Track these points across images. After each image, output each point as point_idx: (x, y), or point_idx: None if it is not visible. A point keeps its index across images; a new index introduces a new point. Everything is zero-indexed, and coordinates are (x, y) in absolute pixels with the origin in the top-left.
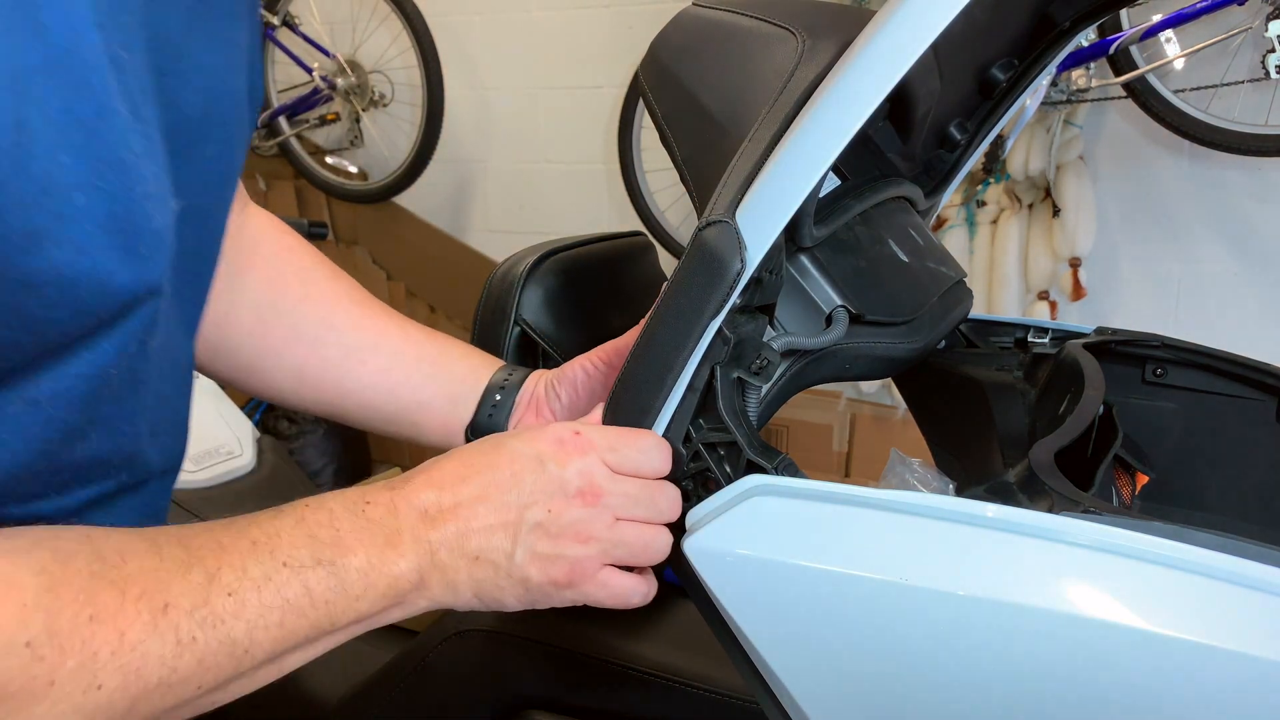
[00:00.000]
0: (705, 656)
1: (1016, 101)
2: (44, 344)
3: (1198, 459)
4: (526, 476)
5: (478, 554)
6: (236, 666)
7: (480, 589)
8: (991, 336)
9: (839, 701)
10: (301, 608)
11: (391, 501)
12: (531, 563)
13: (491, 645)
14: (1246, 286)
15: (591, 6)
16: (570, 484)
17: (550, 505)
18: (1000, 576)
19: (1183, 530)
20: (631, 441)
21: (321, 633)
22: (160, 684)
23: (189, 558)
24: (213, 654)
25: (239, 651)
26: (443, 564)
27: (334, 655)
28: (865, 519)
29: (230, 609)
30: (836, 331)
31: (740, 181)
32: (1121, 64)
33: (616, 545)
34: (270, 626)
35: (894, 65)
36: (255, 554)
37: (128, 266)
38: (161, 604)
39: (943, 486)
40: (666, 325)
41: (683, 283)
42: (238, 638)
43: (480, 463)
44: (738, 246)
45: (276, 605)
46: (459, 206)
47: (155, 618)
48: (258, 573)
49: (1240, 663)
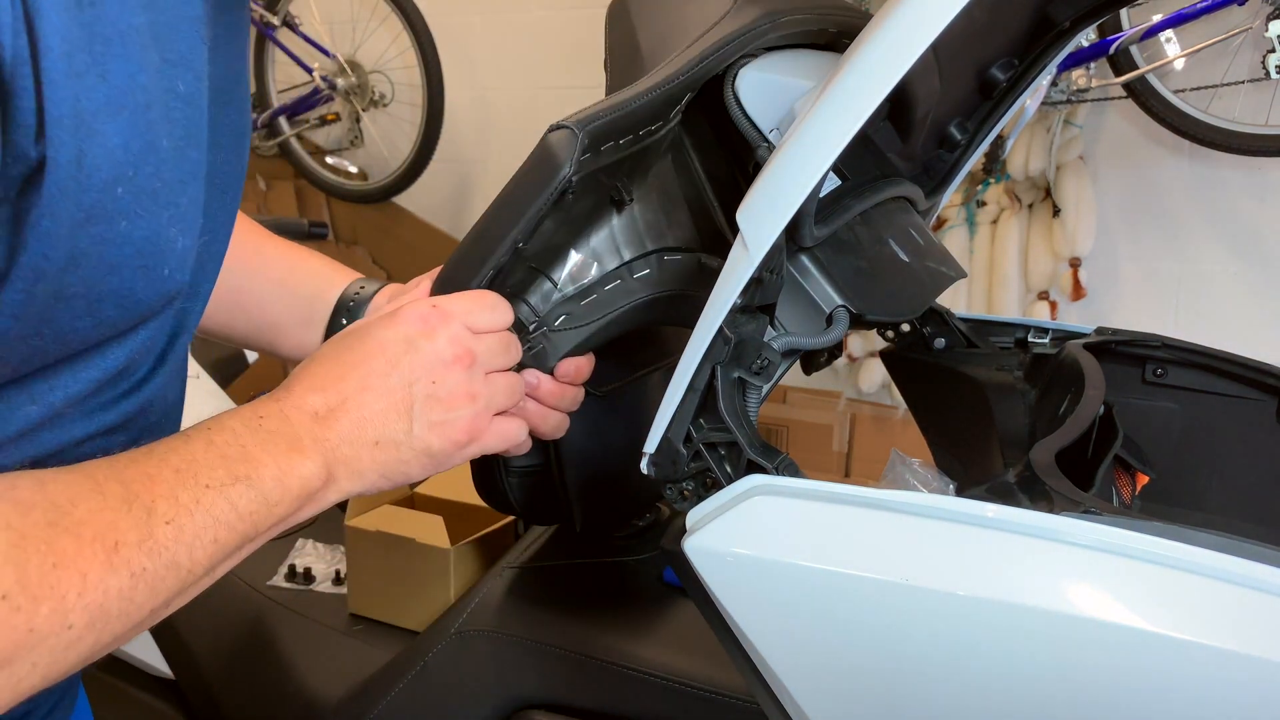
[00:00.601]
0: (705, 656)
1: (1016, 101)
2: (67, 351)
3: (1198, 459)
4: (402, 359)
5: (377, 439)
6: (181, 584)
7: (386, 469)
8: (991, 336)
9: (839, 701)
10: (230, 522)
11: (281, 411)
12: (430, 432)
13: (491, 646)
14: (1246, 286)
15: (591, 6)
16: (445, 352)
17: (434, 376)
18: (1001, 576)
19: (1183, 530)
20: (482, 302)
21: (248, 540)
22: (120, 614)
23: (127, 492)
24: (161, 579)
25: (183, 572)
26: (346, 458)
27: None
28: (865, 519)
29: (171, 535)
30: (837, 331)
31: (611, 104)
32: (1121, 64)
33: (495, 395)
34: (206, 544)
35: (894, 65)
36: (180, 480)
37: (151, 284)
38: (113, 542)
39: (943, 486)
40: (495, 211)
41: (519, 175)
42: (180, 560)
43: (352, 358)
44: (573, 152)
45: (209, 524)
46: (459, 206)
47: (109, 556)
48: (187, 498)
49: (1240, 663)
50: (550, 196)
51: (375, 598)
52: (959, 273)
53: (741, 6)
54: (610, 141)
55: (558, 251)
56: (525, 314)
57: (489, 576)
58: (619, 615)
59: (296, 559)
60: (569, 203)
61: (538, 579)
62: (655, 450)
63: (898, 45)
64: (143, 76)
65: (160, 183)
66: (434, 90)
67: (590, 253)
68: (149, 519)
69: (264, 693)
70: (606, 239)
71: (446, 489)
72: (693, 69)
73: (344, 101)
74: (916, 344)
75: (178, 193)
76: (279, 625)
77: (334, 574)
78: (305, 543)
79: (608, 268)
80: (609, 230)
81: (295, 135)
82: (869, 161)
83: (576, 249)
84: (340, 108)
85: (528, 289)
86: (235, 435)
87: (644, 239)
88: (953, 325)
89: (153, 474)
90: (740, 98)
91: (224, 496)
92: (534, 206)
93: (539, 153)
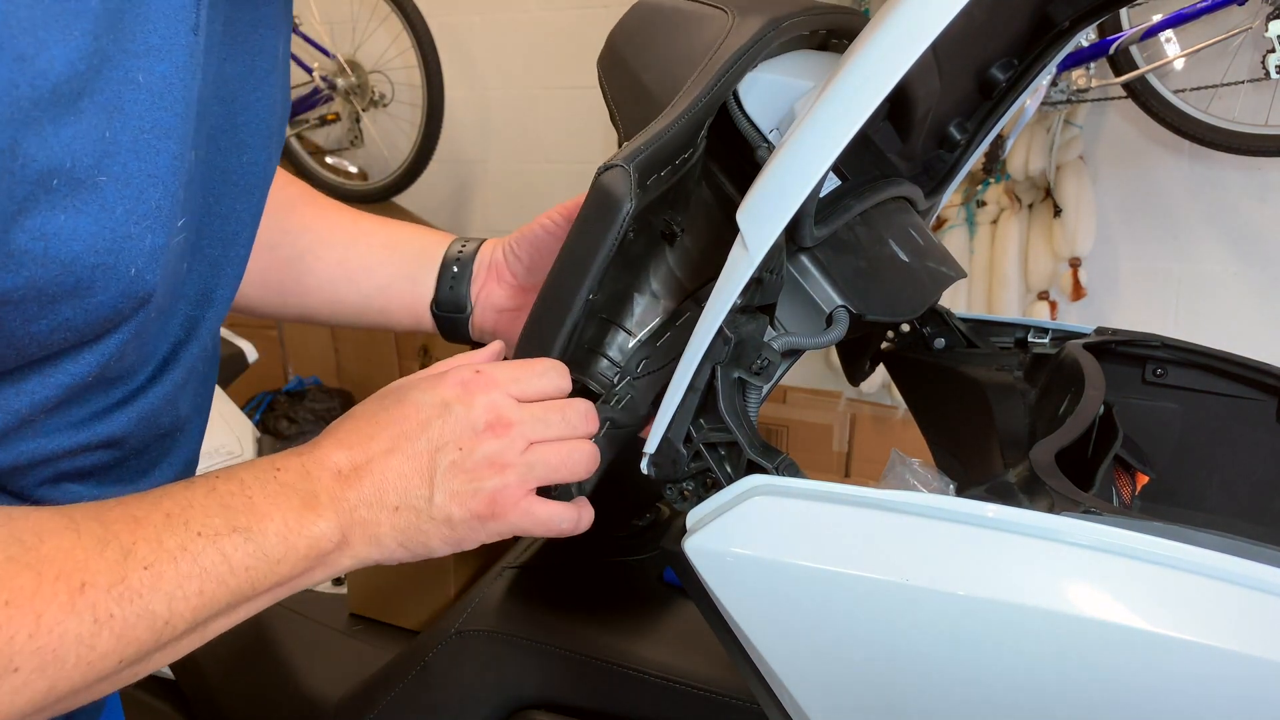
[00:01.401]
0: (705, 656)
1: (1016, 101)
2: (23, 356)
3: (1198, 459)
4: (434, 422)
5: (398, 504)
6: (157, 638)
7: (405, 538)
8: (991, 336)
9: (839, 701)
10: (220, 575)
11: (303, 466)
12: (451, 501)
13: (491, 646)
14: (1246, 286)
15: (591, 6)
16: (478, 420)
17: (461, 444)
18: (1001, 576)
19: (1183, 530)
20: (529, 368)
21: (243, 598)
22: (79, 661)
23: (105, 533)
24: (131, 628)
25: (159, 624)
26: (363, 520)
27: (334, 655)
28: (866, 519)
29: (148, 582)
30: (837, 331)
31: (649, 137)
32: (1121, 64)
33: (533, 467)
34: (190, 596)
35: (894, 65)
36: (169, 525)
37: (113, 284)
38: (79, 583)
39: (943, 486)
40: (565, 266)
41: (580, 225)
42: (157, 610)
43: (385, 418)
44: (630, 188)
45: (194, 574)
46: (459, 206)
47: (73, 598)
48: (173, 544)
49: (1240, 663)
50: (617, 237)
51: (375, 598)
52: (959, 273)
53: (741, 20)
54: (654, 174)
55: (624, 298)
56: (606, 367)
57: (489, 576)
58: (619, 615)
59: None
60: (628, 244)
61: (538, 579)
62: (655, 450)
63: (898, 45)
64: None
65: (108, 177)
66: (434, 90)
67: (653, 293)
68: (124, 561)
69: (264, 693)
70: (666, 276)
71: None
72: (714, 88)
73: (344, 101)
74: (916, 344)
75: (142, 188)
76: (279, 625)
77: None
78: None
79: (673, 304)
80: (666, 266)
81: (295, 135)
82: (869, 161)
83: (640, 292)
84: (340, 108)
85: (603, 342)
86: (243, 485)
87: (700, 268)
88: (953, 325)
89: (140, 516)
90: (741, 99)
91: (215, 546)
92: (603, 251)
93: (596, 197)
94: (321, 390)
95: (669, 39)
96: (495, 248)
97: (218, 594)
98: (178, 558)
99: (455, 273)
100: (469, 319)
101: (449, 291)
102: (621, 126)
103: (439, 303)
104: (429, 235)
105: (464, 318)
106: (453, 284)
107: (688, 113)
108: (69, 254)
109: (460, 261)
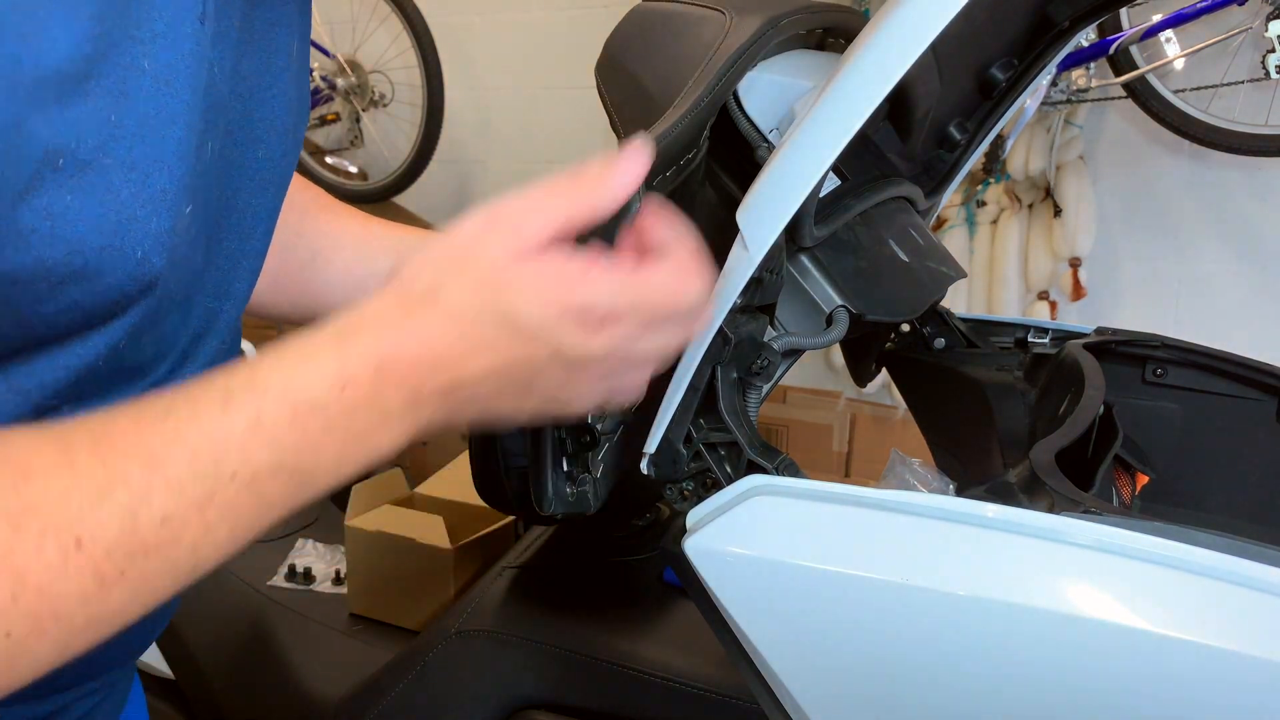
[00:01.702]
0: (705, 656)
1: (1016, 101)
2: (31, 336)
3: (1198, 459)
4: (543, 365)
5: (480, 414)
6: (180, 582)
7: (481, 423)
8: (991, 336)
9: (839, 701)
10: (256, 514)
11: (376, 387)
12: (537, 416)
13: (491, 646)
14: (1246, 286)
15: (591, 6)
16: (593, 360)
17: (570, 378)
18: (1001, 576)
19: (1183, 530)
20: (666, 296)
21: (277, 521)
22: (92, 619)
23: (109, 475)
24: (150, 580)
25: (182, 570)
26: (436, 429)
27: (334, 655)
28: (865, 519)
29: (166, 537)
30: (837, 331)
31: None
32: (1121, 64)
33: (628, 385)
34: (220, 544)
35: (894, 65)
36: (196, 466)
37: (120, 267)
38: (72, 539)
39: (943, 486)
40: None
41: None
42: (179, 558)
43: (486, 336)
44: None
45: (225, 521)
46: (459, 206)
47: (65, 557)
48: (198, 492)
49: (1240, 663)
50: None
51: (375, 598)
52: (959, 273)
53: (739, 21)
54: (660, 175)
55: None
56: None
57: (489, 576)
58: (619, 615)
59: (296, 559)
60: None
61: (538, 579)
62: (655, 450)
63: (898, 45)
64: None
65: (114, 160)
66: (434, 90)
67: None
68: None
69: (264, 693)
70: None
71: (446, 489)
72: (716, 87)
73: (344, 101)
74: (916, 344)
75: (148, 172)
76: (279, 625)
77: (334, 574)
78: (305, 543)
79: None
80: None
81: None
82: (869, 161)
83: None
84: (340, 108)
85: None
86: (295, 414)
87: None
88: (953, 325)
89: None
90: (740, 99)
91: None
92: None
93: None
94: None
95: (667, 42)
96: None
97: (251, 529)
98: (204, 507)
99: None
100: None
101: None
102: (622, 131)
103: None
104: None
105: None
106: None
107: (690, 113)
108: (75, 234)
109: None
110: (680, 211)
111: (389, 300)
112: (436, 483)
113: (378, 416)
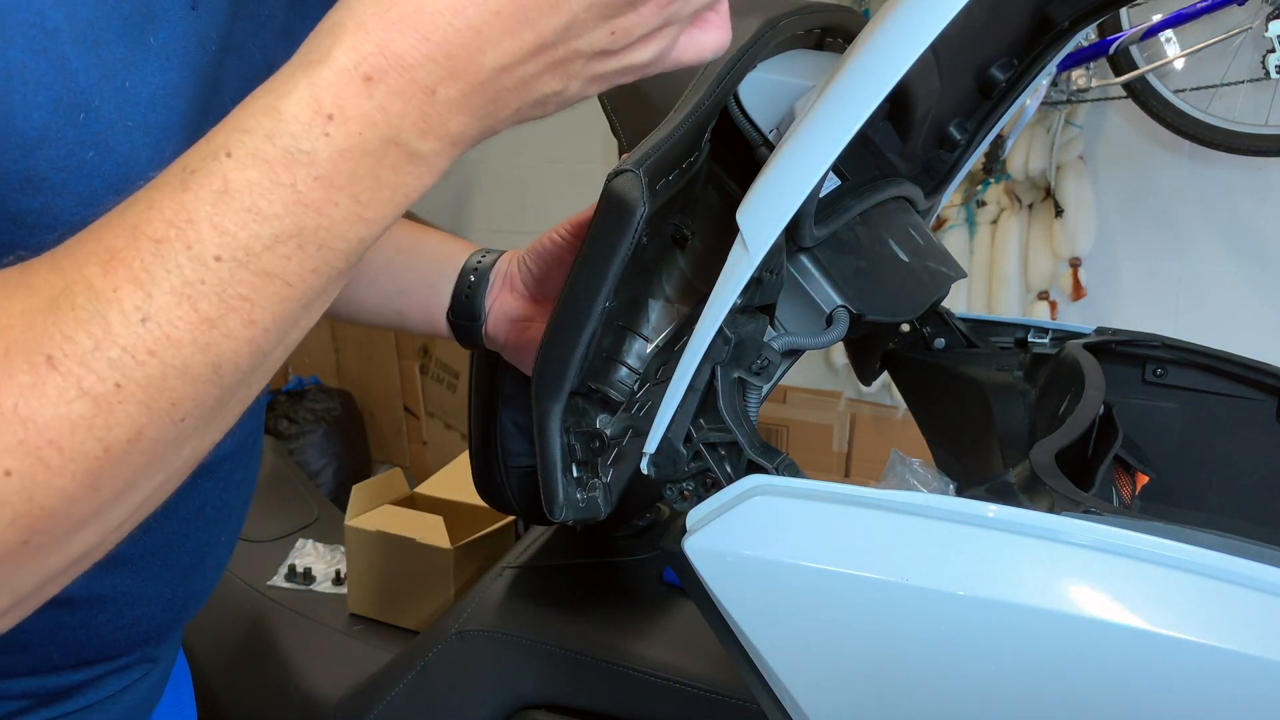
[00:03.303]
0: (705, 656)
1: (1016, 101)
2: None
3: (1198, 459)
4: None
5: (518, 106)
6: (212, 388)
7: (523, 118)
8: (991, 336)
9: (839, 701)
10: (275, 296)
11: (370, 109)
12: (590, 85)
13: (491, 646)
14: (1246, 286)
15: None
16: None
17: (613, 26)
18: (1001, 576)
19: (1183, 530)
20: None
21: (321, 297)
22: (110, 444)
23: (66, 283)
24: (162, 389)
25: (202, 375)
26: (471, 140)
27: (334, 655)
28: (865, 519)
29: (157, 337)
30: (837, 331)
31: (655, 142)
32: (1121, 64)
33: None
34: (238, 336)
35: (894, 65)
36: (164, 257)
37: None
38: (42, 357)
39: (943, 486)
40: (582, 273)
41: (594, 232)
42: (189, 360)
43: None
44: (642, 192)
45: (233, 310)
46: (459, 206)
47: (39, 376)
48: (175, 283)
49: (1240, 663)
50: (632, 242)
51: (375, 598)
52: (959, 273)
53: (738, 22)
54: (663, 178)
55: (639, 304)
56: (626, 375)
57: (489, 576)
58: (619, 615)
59: (296, 559)
60: (641, 249)
61: (538, 579)
62: (655, 450)
63: (898, 45)
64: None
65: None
66: None
67: (667, 298)
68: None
69: (264, 693)
70: (679, 281)
71: (446, 489)
72: (716, 89)
73: None
74: (916, 344)
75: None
76: (279, 625)
77: (334, 574)
78: (305, 543)
79: (688, 308)
80: (678, 271)
81: None
82: (869, 161)
83: (654, 298)
84: None
85: (621, 350)
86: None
87: (712, 271)
88: (953, 325)
89: (118, 249)
90: (740, 99)
91: (249, 267)
92: (618, 257)
93: (608, 203)
94: (321, 390)
95: None
96: (511, 259)
97: (282, 309)
98: (192, 299)
99: (472, 282)
100: (481, 326)
101: (464, 300)
102: (623, 135)
103: (454, 310)
104: (451, 243)
105: (477, 325)
106: (468, 293)
107: (691, 115)
108: (89, 189)
109: (478, 272)
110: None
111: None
112: (436, 483)
113: (385, 146)
